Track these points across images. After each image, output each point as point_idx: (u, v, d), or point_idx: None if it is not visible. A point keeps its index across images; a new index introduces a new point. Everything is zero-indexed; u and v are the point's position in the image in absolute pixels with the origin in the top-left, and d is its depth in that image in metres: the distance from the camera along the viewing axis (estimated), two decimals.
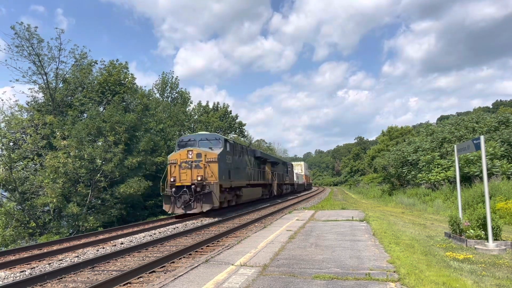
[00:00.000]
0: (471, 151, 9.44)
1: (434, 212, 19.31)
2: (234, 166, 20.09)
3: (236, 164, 20.55)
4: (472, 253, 7.85)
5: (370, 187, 53.61)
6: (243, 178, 22.02)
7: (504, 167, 21.28)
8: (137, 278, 6.78)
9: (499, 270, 6.41)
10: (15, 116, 25.04)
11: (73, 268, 7.45)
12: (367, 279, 5.42)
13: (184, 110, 42.33)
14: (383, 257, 6.95)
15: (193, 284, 5.43)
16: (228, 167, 18.96)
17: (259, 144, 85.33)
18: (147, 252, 9.43)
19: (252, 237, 9.94)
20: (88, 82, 29.80)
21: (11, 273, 7.34)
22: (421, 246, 8.51)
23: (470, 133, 28.01)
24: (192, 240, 11.14)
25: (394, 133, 66.14)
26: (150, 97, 37.69)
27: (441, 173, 25.00)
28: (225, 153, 18.81)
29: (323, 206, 22.15)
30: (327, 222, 12.93)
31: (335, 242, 8.77)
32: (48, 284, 6.63)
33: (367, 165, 75.50)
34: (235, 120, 57.37)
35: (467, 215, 10.06)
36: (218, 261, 6.95)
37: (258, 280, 5.53)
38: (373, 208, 22.02)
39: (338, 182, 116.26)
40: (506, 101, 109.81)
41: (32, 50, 25.37)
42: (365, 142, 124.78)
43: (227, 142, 19.42)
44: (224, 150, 18.64)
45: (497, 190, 17.48)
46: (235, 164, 20.38)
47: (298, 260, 6.89)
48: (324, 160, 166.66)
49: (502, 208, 14.58)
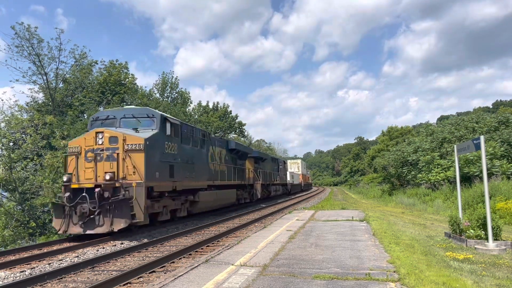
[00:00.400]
0: (471, 151, 9.45)
1: (434, 212, 19.31)
2: (183, 159, 14.19)
3: (187, 156, 14.64)
4: (472, 253, 7.85)
5: (370, 187, 53.62)
6: (201, 177, 16.13)
7: (504, 167, 21.28)
8: (137, 278, 6.78)
9: (499, 270, 6.41)
10: (15, 116, 25.05)
11: (73, 268, 7.45)
12: (367, 279, 5.42)
13: (184, 110, 42.32)
14: (383, 257, 6.95)
15: (193, 284, 5.43)
16: (168, 160, 12.99)
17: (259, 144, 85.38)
18: (147, 252, 9.43)
19: (252, 237, 9.94)
20: (88, 82, 29.79)
21: (11, 273, 7.34)
22: (421, 246, 8.51)
23: (470, 133, 28.01)
24: (192, 240, 11.13)
25: (394, 133, 66.16)
26: (151, 97, 37.69)
27: (441, 173, 25.01)
28: (162, 138, 12.72)
29: (323, 206, 22.15)
30: (327, 222, 12.93)
31: (335, 242, 8.77)
32: (48, 284, 6.63)
33: (367, 165, 75.50)
34: (235, 120, 57.38)
35: (467, 215, 10.07)
36: (218, 261, 6.95)
37: (258, 280, 5.53)
38: (373, 208, 22.02)
39: (338, 182, 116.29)
40: (506, 101, 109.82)
41: (32, 50, 25.39)
42: (365, 142, 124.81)
43: (168, 121, 13.04)
44: (161, 133, 12.60)
45: (497, 190, 17.48)
46: (185, 156, 14.44)
47: (298, 260, 6.89)
48: (324, 160, 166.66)
49: (502, 208, 14.58)
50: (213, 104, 56.89)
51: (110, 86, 29.88)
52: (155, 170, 12.10)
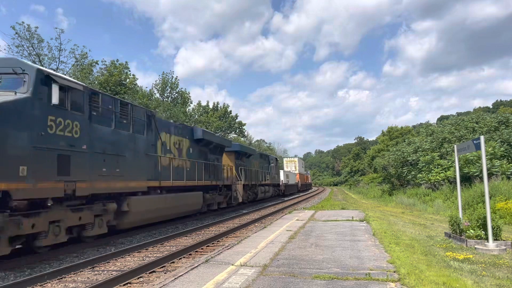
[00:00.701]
0: (471, 151, 9.46)
1: (434, 212, 19.32)
2: (94, 147, 9.70)
3: (105, 143, 10.20)
4: (472, 253, 7.85)
5: (370, 187, 53.66)
6: (137, 176, 11.66)
7: (504, 167, 21.30)
8: (137, 278, 6.78)
9: (499, 270, 6.41)
10: None
11: (73, 268, 7.45)
12: (367, 279, 5.43)
13: (184, 111, 42.37)
14: (383, 257, 6.95)
15: (193, 284, 5.43)
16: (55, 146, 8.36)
17: (259, 144, 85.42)
18: (147, 252, 9.43)
19: (252, 237, 9.94)
20: (89, 82, 29.82)
21: (11, 273, 7.34)
22: (421, 246, 8.52)
23: (470, 133, 28.06)
24: (192, 240, 11.14)
25: (394, 133, 66.27)
26: (151, 97, 37.74)
27: (441, 173, 25.04)
28: (41, 109, 8.10)
29: (323, 206, 22.15)
30: (327, 222, 12.93)
31: (335, 242, 8.77)
32: (48, 284, 6.63)
33: (367, 165, 75.56)
34: (235, 120, 57.46)
35: (467, 215, 10.08)
36: (218, 261, 6.95)
37: (258, 280, 5.53)
38: (373, 208, 22.03)
39: (338, 182, 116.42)
40: (506, 101, 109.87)
41: (33, 50, 25.45)
42: (365, 142, 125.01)
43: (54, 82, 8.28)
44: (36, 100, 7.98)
45: (497, 190, 17.49)
46: (100, 142, 10.00)
47: (298, 260, 6.89)
48: (324, 160, 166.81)
49: (502, 208, 14.59)
50: (213, 104, 57.01)
51: (111, 86, 29.91)
52: (17, 163, 7.35)
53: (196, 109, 53.56)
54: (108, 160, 10.27)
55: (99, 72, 30.63)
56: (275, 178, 35.08)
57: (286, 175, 42.04)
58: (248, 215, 18.62)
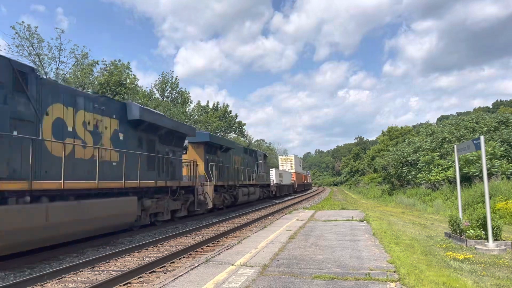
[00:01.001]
0: (471, 151, 9.46)
1: (434, 212, 19.32)
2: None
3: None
4: (472, 253, 7.85)
5: (370, 187, 53.65)
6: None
7: (503, 167, 21.31)
8: (137, 278, 6.79)
9: (499, 270, 6.41)
10: None
11: (73, 268, 7.45)
12: (367, 279, 5.43)
13: (184, 111, 42.37)
14: (383, 257, 6.95)
15: (193, 284, 5.43)
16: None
17: (259, 144, 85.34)
18: (147, 252, 9.43)
19: (252, 237, 9.94)
20: (89, 82, 29.82)
21: (11, 273, 7.34)
22: (421, 246, 8.52)
23: (470, 133, 28.06)
24: (192, 240, 11.14)
25: (394, 133, 66.23)
26: (151, 97, 37.74)
27: (441, 173, 25.04)
28: None
29: (323, 206, 22.17)
30: (327, 222, 12.94)
31: (335, 242, 8.77)
32: (48, 284, 6.63)
33: (367, 165, 75.54)
34: (234, 119, 57.45)
35: (467, 215, 10.08)
36: (218, 261, 6.95)
37: (258, 280, 5.53)
38: (373, 208, 22.04)
39: (338, 182, 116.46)
40: (506, 101, 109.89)
41: (33, 50, 25.46)
42: (365, 142, 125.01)
43: None
44: None
45: (497, 190, 17.49)
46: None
47: (298, 260, 6.89)
48: (324, 160, 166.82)
49: (502, 208, 14.58)
50: (213, 104, 57.01)
51: (111, 87, 29.91)
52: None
53: (196, 109, 53.57)
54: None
55: (99, 72, 30.64)
56: (263, 178, 29.79)
57: (279, 174, 37.24)
58: (248, 215, 18.60)
